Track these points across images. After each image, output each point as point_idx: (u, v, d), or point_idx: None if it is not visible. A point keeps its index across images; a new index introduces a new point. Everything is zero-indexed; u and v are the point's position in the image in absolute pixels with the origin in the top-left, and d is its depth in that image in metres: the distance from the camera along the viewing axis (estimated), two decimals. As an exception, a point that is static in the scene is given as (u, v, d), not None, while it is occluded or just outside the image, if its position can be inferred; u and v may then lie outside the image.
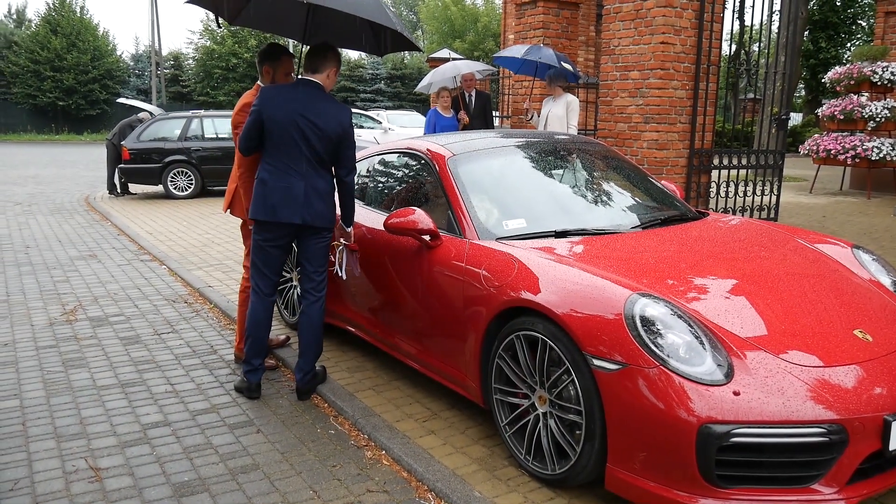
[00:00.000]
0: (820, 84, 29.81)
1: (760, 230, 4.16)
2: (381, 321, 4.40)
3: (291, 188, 3.88)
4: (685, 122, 7.70)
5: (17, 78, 39.68)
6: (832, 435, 2.59)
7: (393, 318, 4.26)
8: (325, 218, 3.98)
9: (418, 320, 3.96)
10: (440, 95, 9.33)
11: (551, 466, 3.08)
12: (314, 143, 3.87)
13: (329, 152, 3.95)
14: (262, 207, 3.92)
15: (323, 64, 3.98)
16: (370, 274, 4.43)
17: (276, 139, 3.88)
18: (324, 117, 3.88)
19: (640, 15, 7.48)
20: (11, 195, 14.26)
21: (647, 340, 2.73)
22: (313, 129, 3.85)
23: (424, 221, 3.78)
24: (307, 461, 3.42)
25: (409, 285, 4.00)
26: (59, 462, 3.39)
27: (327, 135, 3.88)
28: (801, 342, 2.90)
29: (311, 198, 3.91)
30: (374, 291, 4.42)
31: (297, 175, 3.89)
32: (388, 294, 4.26)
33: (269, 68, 4.38)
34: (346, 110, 4.02)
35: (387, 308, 4.32)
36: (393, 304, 4.23)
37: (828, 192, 14.70)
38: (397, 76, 45.95)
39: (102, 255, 8.34)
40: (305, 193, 3.89)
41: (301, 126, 3.84)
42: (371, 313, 4.50)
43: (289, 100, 3.88)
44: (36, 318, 5.72)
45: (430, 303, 3.82)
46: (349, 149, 4.03)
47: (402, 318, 4.15)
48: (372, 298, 4.46)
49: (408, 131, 19.92)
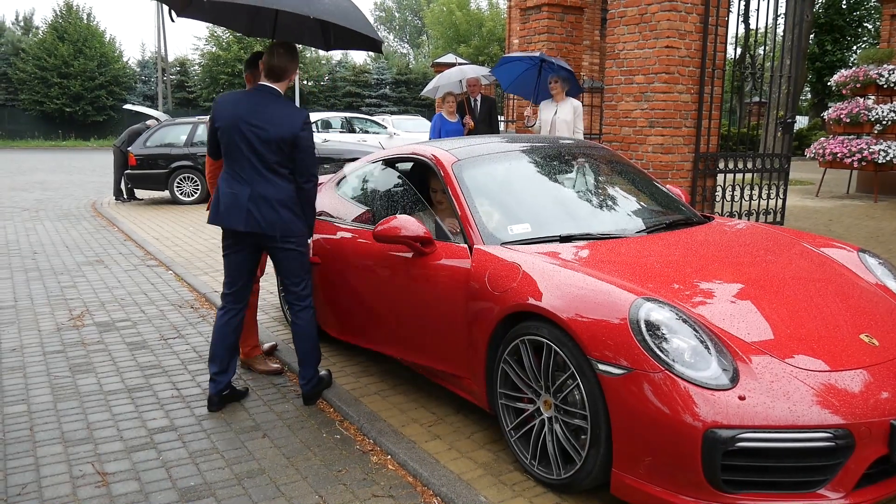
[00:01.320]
0: (826, 87, 29.72)
1: (766, 234, 4.15)
2: (382, 330, 4.35)
3: (237, 195, 3.83)
4: (690, 126, 7.70)
5: (24, 84, 39.87)
6: (838, 440, 2.59)
7: (394, 325, 4.22)
8: (276, 226, 3.85)
9: (421, 327, 3.94)
10: (445, 100, 9.34)
11: (557, 471, 3.08)
12: (259, 149, 3.78)
13: (283, 158, 3.83)
14: (214, 213, 3.93)
15: (287, 68, 3.91)
16: (366, 282, 4.37)
17: (225, 146, 3.88)
18: (270, 121, 3.78)
19: (645, 19, 7.48)
20: (19, 201, 14.32)
21: (652, 345, 2.73)
22: (257, 135, 3.77)
23: (412, 228, 3.75)
24: (313, 466, 3.43)
25: (407, 293, 3.98)
26: (66, 467, 3.40)
27: (274, 139, 3.77)
28: (806, 346, 2.89)
29: (258, 205, 3.81)
30: (371, 300, 4.37)
31: (242, 182, 3.84)
32: (387, 302, 4.22)
33: (250, 75, 4.41)
34: (298, 114, 3.87)
35: (387, 316, 4.26)
36: (392, 312, 4.19)
37: (834, 196, 14.65)
38: (402, 81, 46.01)
39: (109, 260, 8.37)
40: (250, 200, 3.81)
41: (244, 131, 3.78)
42: (371, 322, 4.44)
43: (236, 105, 3.85)
44: (43, 324, 5.74)
45: (432, 309, 3.80)
46: (304, 154, 3.87)
47: (403, 325, 4.12)
48: (371, 308, 4.40)
49: (413, 136, 19.93)
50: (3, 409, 4.07)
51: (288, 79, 3.93)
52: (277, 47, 3.91)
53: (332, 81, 45.88)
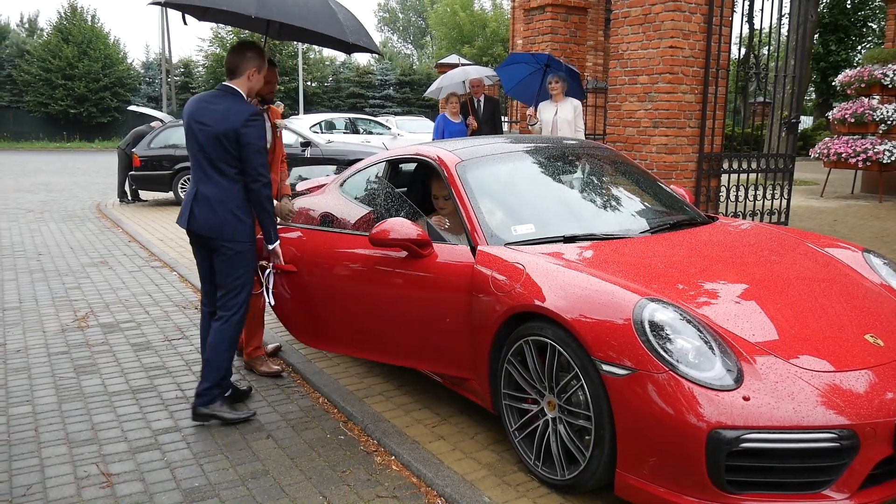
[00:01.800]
0: (830, 87, 29.68)
1: (770, 234, 4.15)
2: (380, 338, 4.11)
3: (188, 194, 3.87)
4: (694, 126, 7.68)
5: (29, 86, 39.98)
6: (843, 440, 2.58)
7: (393, 332, 4.02)
8: (208, 227, 3.79)
9: (423, 331, 3.83)
10: (449, 101, 9.34)
11: (561, 472, 3.08)
12: (204, 146, 3.75)
13: (228, 157, 3.75)
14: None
15: (240, 65, 3.84)
16: (359, 289, 4.13)
17: (186, 146, 3.92)
18: (214, 117, 3.73)
19: (649, 19, 7.47)
20: (24, 202, 14.36)
21: (656, 345, 2.73)
22: (202, 131, 3.75)
23: (406, 230, 3.65)
24: (317, 467, 3.43)
25: (407, 297, 3.85)
26: (70, 467, 3.41)
27: (217, 136, 3.71)
28: (811, 347, 2.89)
29: (200, 205, 3.78)
30: (367, 307, 4.10)
31: (194, 181, 3.87)
32: (384, 308, 4.00)
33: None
34: (244, 110, 3.75)
35: (384, 322, 4.04)
36: (390, 318, 3.99)
37: (839, 196, 14.62)
38: (406, 82, 46.04)
39: (114, 261, 8.39)
40: (195, 200, 3.80)
41: (193, 130, 3.79)
42: (367, 330, 4.16)
43: (192, 105, 3.87)
44: (48, 325, 5.75)
45: (434, 312, 3.72)
46: (249, 152, 3.73)
47: (402, 331, 3.95)
48: (366, 315, 4.12)
49: (417, 137, 19.94)
50: (9, 410, 4.08)
51: (245, 76, 3.83)
52: (235, 45, 3.93)
53: (336, 82, 45.93)
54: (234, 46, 3.93)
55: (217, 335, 3.88)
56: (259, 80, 3.94)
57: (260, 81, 3.96)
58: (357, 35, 4.30)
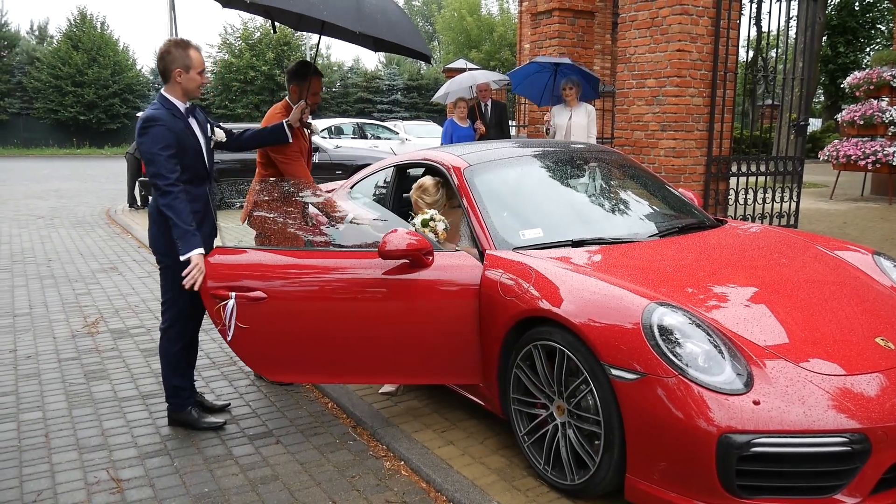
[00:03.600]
0: (839, 89, 29.54)
1: (780, 237, 4.13)
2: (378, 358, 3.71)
3: None
4: (702, 129, 7.67)
5: (39, 93, 40.20)
6: (855, 444, 2.57)
7: (394, 350, 3.67)
8: (149, 238, 3.85)
9: (427, 344, 3.61)
10: (457, 106, 9.36)
11: (570, 477, 3.07)
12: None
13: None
14: None
15: (162, 71, 3.72)
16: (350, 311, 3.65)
17: None
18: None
19: (656, 23, 7.46)
20: (34, 209, 14.43)
21: (665, 350, 2.72)
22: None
23: (408, 240, 3.44)
24: (326, 472, 3.43)
25: (410, 309, 3.58)
26: (80, 473, 3.42)
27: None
28: (821, 350, 2.87)
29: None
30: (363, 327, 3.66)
31: None
32: (383, 326, 3.64)
33: (296, 87, 4.41)
34: (142, 118, 3.62)
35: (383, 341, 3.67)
36: (392, 334, 3.64)
37: (848, 199, 14.55)
38: (414, 87, 46.07)
39: (123, 267, 8.42)
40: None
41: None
42: (362, 353, 3.71)
43: None
44: (58, 331, 5.78)
45: (438, 319, 3.56)
46: (144, 160, 3.64)
47: (406, 348, 3.64)
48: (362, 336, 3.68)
49: (425, 142, 19.94)
50: (19, 415, 4.10)
51: (172, 79, 3.68)
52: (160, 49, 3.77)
53: (344, 87, 45.98)
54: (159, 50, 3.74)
55: (161, 349, 3.93)
56: (189, 80, 3.70)
57: (191, 80, 3.71)
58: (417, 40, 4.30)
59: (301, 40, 40.50)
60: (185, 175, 3.69)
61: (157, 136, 3.58)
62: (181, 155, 3.65)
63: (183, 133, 3.68)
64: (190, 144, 3.72)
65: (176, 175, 3.59)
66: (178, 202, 3.56)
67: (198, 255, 3.55)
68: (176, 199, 3.56)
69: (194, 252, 3.54)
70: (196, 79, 3.73)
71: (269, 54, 40.04)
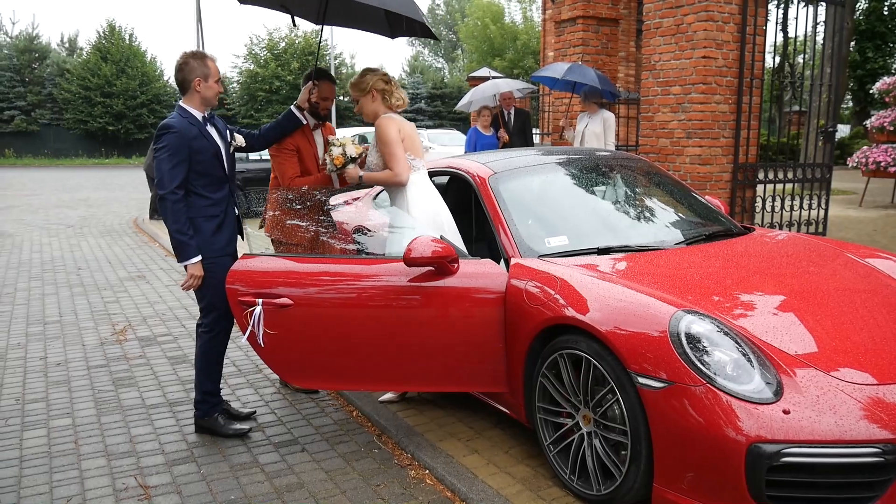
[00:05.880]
0: (868, 95, 29.23)
1: (808, 245, 4.08)
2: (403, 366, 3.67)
3: None
4: (728, 136, 7.60)
5: (69, 104, 40.87)
6: (888, 455, 2.52)
7: (419, 357, 3.64)
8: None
9: (453, 352, 3.58)
10: (480, 114, 9.38)
11: (596, 487, 3.05)
12: None
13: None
14: None
15: (180, 83, 3.81)
16: (375, 319, 3.61)
17: None
18: None
19: (681, 30, 7.42)
20: (64, 218, 14.65)
21: (693, 358, 2.69)
22: None
23: (432, 247, 3.39)
24: (351, 480, 3.43)
25: (435, 318, 3.54)
26: (109, 479, 3.46)
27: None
28: (852, 359, 2.83)
29: None
30: (387, 335, 3.62)
31: None
32: (407, 333, 3.59)
33: (307, 87, 4.46)
34: (160, 125, 3.73)
35: (409, 348, 3.63)
36: (414, 343, 3.60)
37: (878, 206, 14.33)
38: (437, 95, 46.18)
39: (151, 275, 8.51)
40: None
41: None
42: (386, 360, 3.68)
43: None
44: (87, 338, 5.85)
45: (464, 327, 3.53)
46: (154, 166, 3.81)
47: (431, 355, 3.61)
48: (386, 343, 3.64)
49: (449, 150, 19.97)
50: (49, 422, 4.15)
51: (191, 88, 3.76)
52: (178, 60, 3.83)
53: (368, 97, 46.21)
54: (177, 62, 3.81)
55: (197, 349, 3.99)
56: (207, 88, 3.78)
57: (209, 89, 3.79)
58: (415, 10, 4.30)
59: (325, 50, 40.83)
60: (202, 180, 3.78)
61: (166, 144, 3.68)
62: (196, 159, 3.73)
63: (197, 138, 3.74)
64: (205, 148, 3.78)
65: (177, 183, 3.67)
66: (175, 208, 3.67)
67: (193, 265, 3.73)
68: (174, 206, 3.67)
69: (191, 261, 3.72)
70: (214, 87, 3.82)
71: (293, 64, 40.36)
